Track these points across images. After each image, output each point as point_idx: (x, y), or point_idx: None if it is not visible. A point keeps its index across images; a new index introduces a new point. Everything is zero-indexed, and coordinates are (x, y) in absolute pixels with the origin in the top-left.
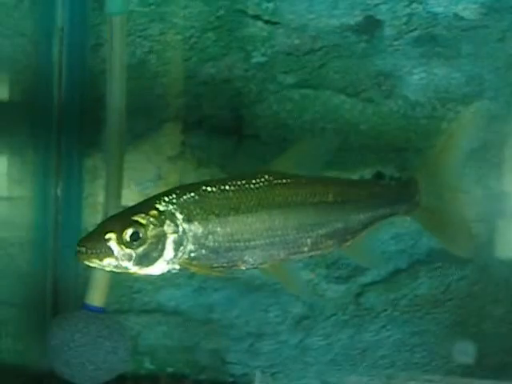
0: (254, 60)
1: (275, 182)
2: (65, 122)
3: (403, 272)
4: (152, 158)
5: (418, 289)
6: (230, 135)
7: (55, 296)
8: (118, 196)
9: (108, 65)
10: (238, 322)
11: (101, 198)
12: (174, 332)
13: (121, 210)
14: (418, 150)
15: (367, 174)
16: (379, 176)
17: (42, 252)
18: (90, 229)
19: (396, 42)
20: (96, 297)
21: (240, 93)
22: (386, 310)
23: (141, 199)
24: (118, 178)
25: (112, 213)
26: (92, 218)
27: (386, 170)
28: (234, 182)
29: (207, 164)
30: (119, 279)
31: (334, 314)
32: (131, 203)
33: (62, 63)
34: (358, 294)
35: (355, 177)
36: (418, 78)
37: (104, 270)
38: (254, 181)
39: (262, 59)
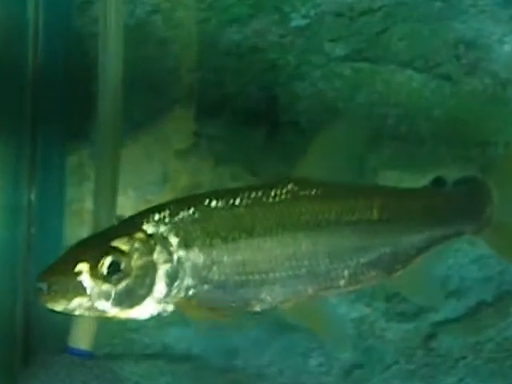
0: (293, 23)
1: (301, 193)
2: (41, 104)
3: (489, 307)
4: (156, 154)
5: (508, 329)
6: (260, 123)
7: (26, 335)
8: (112, 203)
9: (101, 27)
10: (268, 371)
11: (89, 205)
12: None
13: (115, 221)
14: (509, 145)
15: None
16: (439, 183)
17: (10, 277)
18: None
19: (481, 2)
20: (82, 337)
21: (274, 66)
22: (465, 358)
23: (140, 208)
24: (112, 180)
25: (104, 225)
26: (77, 231)
27: (466, 170)
28: (246, 194)
29: (228, 162)
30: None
31: (396, 363)
32: (129, 213)
33: (39, 23)
34: (429, 336)
35: (424, 181)
36: (511, 49)
37: (73, 314)
38: (273, 192)
39: (303, 22)
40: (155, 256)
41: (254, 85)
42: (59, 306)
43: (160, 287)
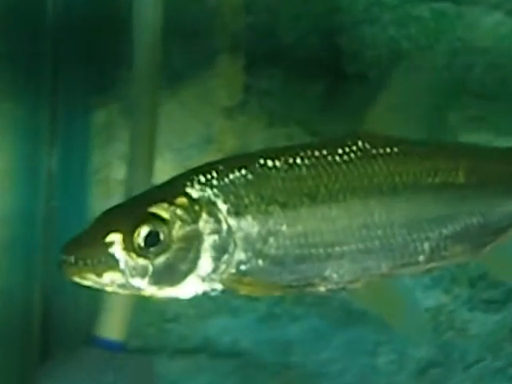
0: None
1: (374, 151)
2: (62, 54)
3: None
4: (198, 111)
5: None
6: (321, 75)
7: (45, 322)
8: (149, 169)
9: None
10: (329, 369)
11: (117, 173)
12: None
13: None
14: None
15: None
16: None
17: (27, 256)
18: None
19: None
20: (112, 325)
21: (337, 8)
22: None
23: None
24: (149, 142)
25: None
26: (104, 204)
27: None
28: (309, 153)
29: (284, 121)
30: (144, 299)
31: (481, 360)
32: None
33: None
34: None
35: None
36: None
37: (103, 290)
38: (340, 150)
39: None
40: (201, 225)
41: (314, 31)
42: (88, 281)
43: (206, 262)
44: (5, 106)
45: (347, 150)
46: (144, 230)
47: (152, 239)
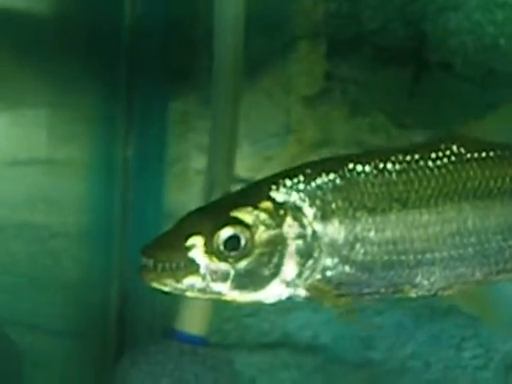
0: None
1: (469, 155)
2: (139, 43)
3: None
4: (277, 100)
5: None
6: (405, 63)
7: (122, 315)
8: (230, 161)
9: None
10: (413, 364)
11: (195, 164)
12: (310, 380)
13: (233, 184)
14: None
15: None
16: None
17: (103, 248)
18: (177, 216)
19: None
20: (194, 319)
21: None
22: None
23: (257, 166)
24: (231, 132)
25: (219, 189)
26: (180, 197)
27: None
28: (399, 157)
29: (367, 110)
30: None
31: None
32: (242, 173)
33: None
34: None
35: None
36: None
37: (184, 295)
38: (433, 154)
39: None
40: (285, 229)
41: (397, 17)
42: (167, 286)
43: (290, 267)
44: (81, 95)
45: (440, 154)
46: (225, 233)
47: (233, 243)
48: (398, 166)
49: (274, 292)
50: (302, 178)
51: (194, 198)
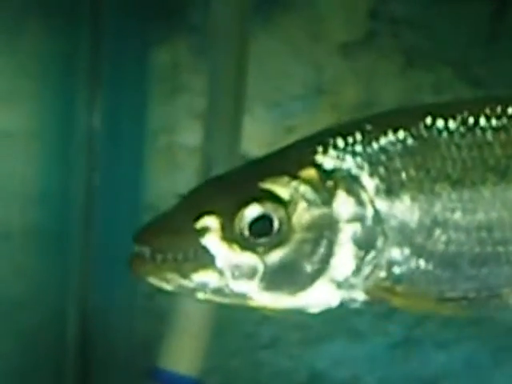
0: None
1: None
2: None
3: None
4: (303, 48)
5: None
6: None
7: (84, 350)
8: (234, 133)
9: None
10: None
11: (188, 138)
12: None
13: (239, 164)
14: None
15: None
16: None
17: (58, 253)
18: (167, 204)
19: None
20: (184, 353)
21: None
22: None
23: (274, 141)
24: (236, 92)
25: (220, 169)
26: (167, 181)
27: None
28: (497, 110)
29: (428, 62)
30: (228, 316)
31: None
32: (252, 151)
33: None
34: None
35: None
36: None
37: (191, 297)
38: None
39: None
40: (336, 207)
41: None
42: (169, 283)
43: (343, 261)
44: (26, 40)
45: None
46: (251, 213)
47: (263, 226)
48: (494, 122)
49: (320, 295)
50: (359, 136)
51: (185, 184)
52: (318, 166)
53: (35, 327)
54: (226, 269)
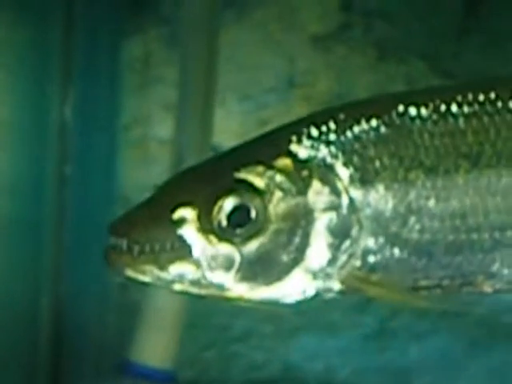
0: None
1: None
2: None
3: None
4: (276, 39)
5: None
6: None
7: (56, 344)
8: (206, 124)
9: None
10: None
11: (161, 129)
12: None
13: (210, 155)
14: None
15: None
16: None
17: (30, 245)
18: (141, 197)
19: None
20: (157, 346)
21: None
22: None
23: (246, 133)
24: (207, 83)
25: (193, 160)
26: (139, 172)
27: None
28: (469, 97)
29: (401, 54)
30: (201, 309)
31: None
32: (224, 142)
33: None
34: None
35: None
36: None
37: (169, 289)
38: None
39: None
40: (311, 196)
41: None
42: (146, 275)
43: (318, 250)
44: (6, 38)
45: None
46: (228, 203)
47: (240, 216)
48: (467, 109)
49: (296, 285)
50: (333, 125)
51: (158, 176)
52: (293, 156)
53: (6, 319)
54: (203, 260)
